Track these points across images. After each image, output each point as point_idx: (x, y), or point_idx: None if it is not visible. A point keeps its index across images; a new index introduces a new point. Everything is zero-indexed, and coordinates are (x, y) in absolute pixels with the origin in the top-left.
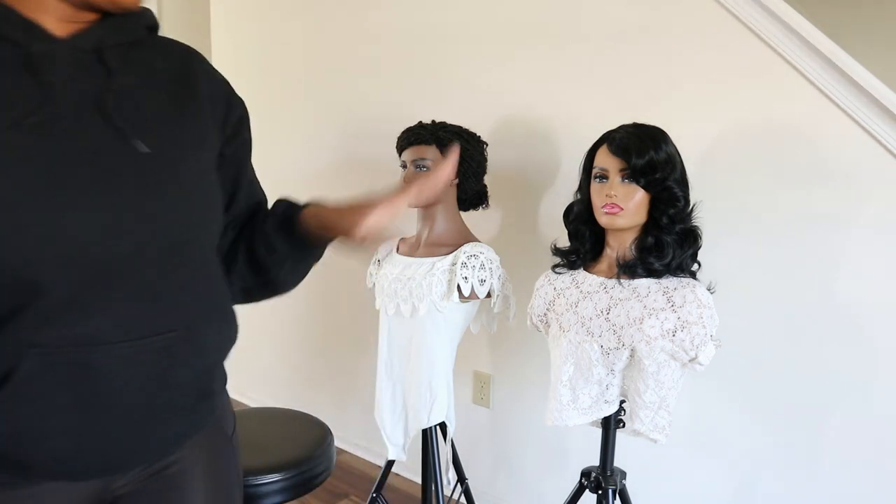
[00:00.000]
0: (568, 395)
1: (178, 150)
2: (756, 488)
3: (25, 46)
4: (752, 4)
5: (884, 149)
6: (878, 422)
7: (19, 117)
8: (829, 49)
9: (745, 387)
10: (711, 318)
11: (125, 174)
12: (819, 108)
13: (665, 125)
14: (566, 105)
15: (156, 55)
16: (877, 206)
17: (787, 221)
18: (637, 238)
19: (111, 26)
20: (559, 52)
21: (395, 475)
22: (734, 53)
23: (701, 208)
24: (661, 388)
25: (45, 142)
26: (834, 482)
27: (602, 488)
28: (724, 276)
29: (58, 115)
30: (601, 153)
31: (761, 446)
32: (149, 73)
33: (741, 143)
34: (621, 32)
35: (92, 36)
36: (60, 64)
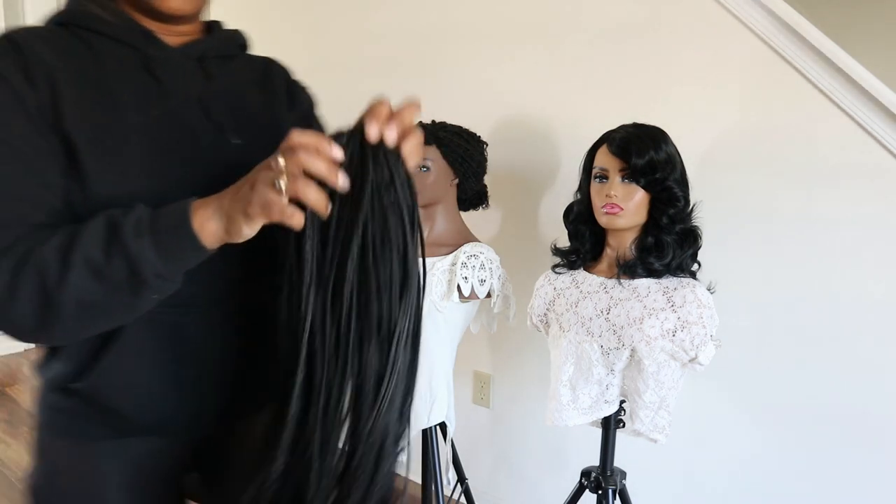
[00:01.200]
0: (568, 395)
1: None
2: (756, 488)
3: (143, 51)
4: (752, 4)
5: (884, 149)
6: (878, 422)
7: (143, 109)
8: (829, 49)
9: (745, 387)
10: (711, 318)
11: (220, 161)
12: (819, 108)
13: (665, 125)
14: (566, 105)
15: (245, 67)
16: (876, 206)
17: (787, 221)
18: (637, 238)
19: (212, 42)
20: (559, 52)
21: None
22: (734, 53)
23: (701, 208)
24: (661, 388)
25: (161, 129)
26: (834, 482)
27: (602, 488)
28: (724, 276)
29: (171, 108)
30: (601, 153)
31: (762, 446)
32: (239, 80)
33: (741, 143)
34: (621, 32)
35: (197, 47)
36: (171, 68)
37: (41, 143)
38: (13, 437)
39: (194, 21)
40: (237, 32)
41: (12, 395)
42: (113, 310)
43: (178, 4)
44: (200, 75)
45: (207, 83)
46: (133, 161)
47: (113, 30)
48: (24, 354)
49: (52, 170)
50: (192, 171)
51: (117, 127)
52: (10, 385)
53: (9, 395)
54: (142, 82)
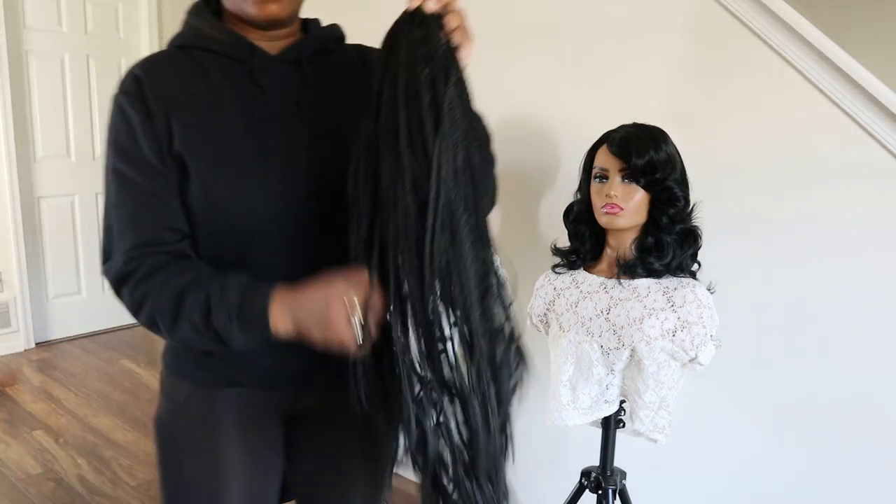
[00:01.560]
0: (568, 395)
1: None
2: (756, 488)
3: (249, 63)
4: (752, 4)
5: (884, 149)
6: (878, 421)
7: (248, 117)
8: (830, 49)
9: (745, 387)
10: (711, 318)
11: (314, 158)
12: (819, 108)
13: (665, 125)
14: (566, 105)
15: (340, 60)
16: (876, 206)
17: (787, 221)
18: (637, 238)
19: (307, 42)
20: (559, 52)
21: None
22: (734, 53)
23: (701, 208)
24: (661, 389)
25: (260, 135)
26: (834, 482)
27: (602, 488)
28: (724, 276)
29: (270, 114)
30: (601, 153)
31: (762, 446)
32: (334, 76)
33: (741, 143)
34: (622, 32)
35: (293, 51)
36: (272, 76)
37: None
38: (13, 437)
39: (291, 24)
40: (333, 27)
41: (12, 395)
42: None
43: (275, 11)
44: (297, 78)
45: (303, 85)
46: (241, 166)
47: (224, 48)
48: (24, 354)
49: (171, 193)
50: (291, 169)
51: (226, 137)
52: (10, 385)
53: (9, 395)
54: (246, 92)
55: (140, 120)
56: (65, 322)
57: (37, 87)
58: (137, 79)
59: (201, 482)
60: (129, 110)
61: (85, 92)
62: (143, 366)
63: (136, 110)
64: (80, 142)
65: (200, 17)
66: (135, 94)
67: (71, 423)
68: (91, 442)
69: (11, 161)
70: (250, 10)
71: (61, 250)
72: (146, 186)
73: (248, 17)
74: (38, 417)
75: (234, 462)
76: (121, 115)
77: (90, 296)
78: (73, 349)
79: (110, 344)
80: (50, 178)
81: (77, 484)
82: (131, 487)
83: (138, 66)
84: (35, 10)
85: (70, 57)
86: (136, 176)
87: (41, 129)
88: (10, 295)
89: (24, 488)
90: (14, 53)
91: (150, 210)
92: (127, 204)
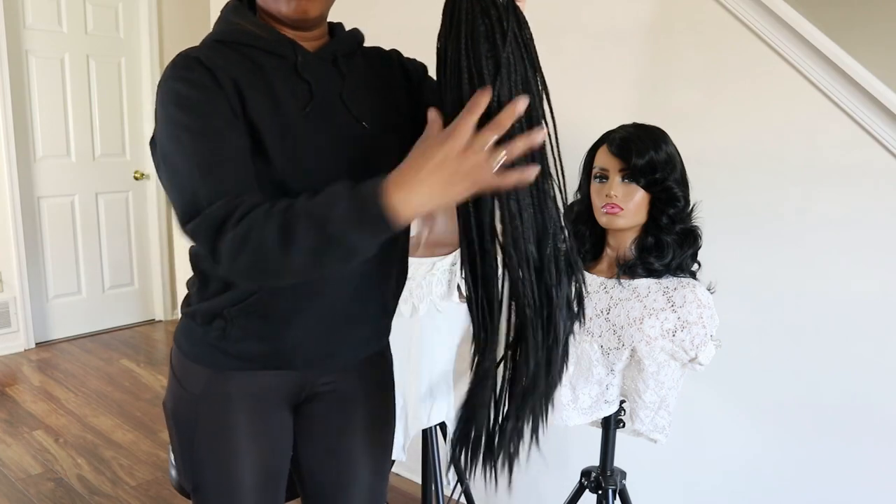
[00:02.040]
0: (568, 395)
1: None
2: (756, 488)
3: (292, 58)
4: (752, 4)
5: (884, 149)
6: (878, 421)
7: (301, 107)
8: (830, 49)
9: (745, 387)
10: (711, 318)
11: (357, 144)
12: (819, 108)
13: (665, 125)
14: (566, 105)
15: (365, 61)
16: (876, 206)
17: (787, 221)
18: (637, 238)
19: (339, 42)
20: (559, 52)
21: (395, 475)
22: (734, 53)
23: (701, 208)
24: (662, 389)
25: (314, 123)
26: (834, 482)
27: (602, 488)
28: (724, 276)
29: (318, 105)
30: (601, 153)
31: (761, 446)
32: (364, 74)
33: (741, 143)
34: (622, 32)
35: (329, 49)
36: (315, 70)
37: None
38: (13, 437)
39: (322, 25)
40: (356, 31)
41: (12, 395)
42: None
43: (307, 9)
44: (336, 74)
45: (342, 81)
46: (302, 146)
47: (267, 43)
48: (24, 354)
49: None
50: (339, 153)
51: (284, 121)
52: (10, 385)
53: (9, 395)
54: (295, 84)
55: (211, 86)
56: (65, 322)
57: (37, 87)
58: (196, 59)
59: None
60: (197, 79)
61: (85, 92)
62: (143, 366)
63: (204, 80)
64: (80, 142)
65: (240, 15)
66: (198, 69)
67: (71, 423)
68: (91, 442)
69: (11, 161)
70: (284, 8)
71: (61, 250)
72: (228, 142)
73: (282, 15)
74: (37, 417)
75: (247, 445)
76: (187, 84)
77: (90, 296)
78: (73, 349)
79: (110, 344)
80: (50, 178)
81: (77, 484)
82: (131, 487)
83: (189, 53)
84: (35, 10)
85: (70, 57)
86: (213, 130)
87: (41, 129)
88: (10, 295)
89: (24, 488)
90: (14, 53)
91: (236, 165)
92: (209, 157)
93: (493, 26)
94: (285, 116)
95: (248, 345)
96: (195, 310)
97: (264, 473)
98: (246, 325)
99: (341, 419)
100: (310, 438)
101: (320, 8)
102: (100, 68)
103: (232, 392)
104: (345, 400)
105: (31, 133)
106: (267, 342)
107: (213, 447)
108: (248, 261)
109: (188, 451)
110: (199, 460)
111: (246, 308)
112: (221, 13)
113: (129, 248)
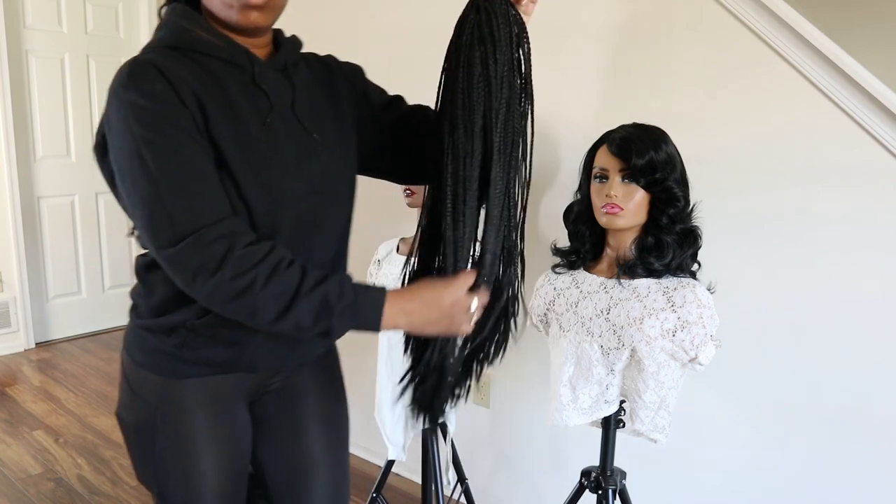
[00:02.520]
0: (568, 395)
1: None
2: (756, 488)
3: (249, 68)
4: (752, 4)
5: (884, 149)
6: (878, 421)
7: (261, 120)
8: (830, 49)
9: (745, 387)
10: (711, 318)
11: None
12: (819, 108)
13: (665, 125)
14: (566, 105)
15: (309, 68)
16: (876, 206)
17: (787, 221)
18: (637, 238)
19: (285, 52)
20: (559, 52)
21: (395, 475)
22: (734, 53)
23: (701, 208)
24: (662, 389)
25: (273, 133)
26: (834, 482)
27: (602, 488)
28: (725, 276)
29: (277, 117)
30: (601, 153)
31: (761, 446)
32: (310, 82)
33: (741, 143)
34: (622, 32)
35: (280, 59)
36: (270, 80)
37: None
38: (13, 437)
39: (269, 32)
40: (295, 38)
41: (12, 395)
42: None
43: (256, 18)
44: (288, 84)
45: (293, 91)
46: (263, 159)
47: (222, 52)
48: (24, 354)
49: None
50: (297, 164)
51: (245, 133)
52: (10, 385)
53: (9, 395)
54: (254, 95)
55: (173, 101)
56: (65, 322)
57: (37, 87)
58: (155, 68)
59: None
60: (158, 92)
61: (85, 92)
62: None
63: (166, 94)
64: (80, 142)
65: (191, 20)
66: (159, 81)
67: (71, 423)
68: (91, 442)
69: (11, 161)
70: (234, 16)
71: (61, 250)
72: (196, 159)
73: (232, 23)
74: (38, 417)
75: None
76: (148, 97)
77: (90, 296)
78: (73, 349)
79: (110, 344)
80: (50, 178)
81: (77, 484)
82: (131, 487)
83: (146, 60)
84: (35, 10)
85: (70, 57)
86: (180, 147)
87: (41, 129)
88: (10, 295)
89: (24, 488)
90: (14, 53)
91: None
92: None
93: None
94: (247, 130)
95: (211, 351)
96: (152, 323)
97: (229, 475)
98: (212, 335)
99: (295, 409)
100: (266, 432)
101: (271, 18)
102: (100, 68)
103: (189, 397)
104: (298, 393)
105: (31, 133)
106: (231, 348)
107: (175, 454)
108: (237, 310)
109: (150, 460)
110: (163, 468)
111: (210, 320)
112: (168, 16)
113: (129, 248)
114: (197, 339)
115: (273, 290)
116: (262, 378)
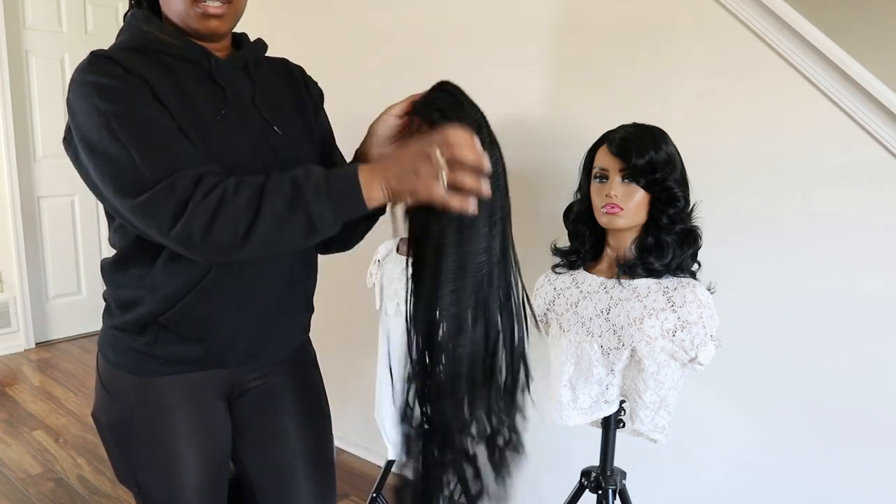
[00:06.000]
0: (568, 395)
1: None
2: (756, 488)
3: (205, 64)
4: (752, 4)
5: (884, 149)
6: (878, 421)
7: (215, 112)
8: (830, 49)
9: (745, 387)
10: (711, 318)
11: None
12: (819, 108)
13: (665, 125)
14: (566, 105)
15: (272, 69)
16: (877, 206)
17: (787, 221)
18: (637, 238)
19: (247, 52)
20: (559, 52)
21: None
22: (734, 53)
23: (701, 208)
24: (662, 389)
25: (228, 126)
26: (834, 482)
27: (602, 488)
28: (725, 276)
29: (232, 109)
30: (601, 153)
31: (762, 446)
32: (273, 81)
33: (741, 143)
34: (622, 32)
35: (240, 58)
36: (227, 76)
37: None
38: (13, 437)
39: (228, 37)
40: (259, 41)
41: (12, 395)
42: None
43: (216, 26)
44: (247, 81)
45: (253, 87)
46: (216, 151)
47: (179, 50)
48: (24, 354)
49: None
50: (254, 158)
51: (199, 125)
52: (10, 385)
53: (9, 395)
54: (210, 89)
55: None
56: (65, 322)
57: (37, 87)
58: (112, 59)
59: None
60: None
61: None
62: None
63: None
64: None
65: (150, 23)
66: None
67: (71, 423)
68: (91, 442)
69: (11, 161)
70: (193, 23)
71: (61, 250)
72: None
73: (191, 29)
74: (38, 417)
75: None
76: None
77: (90, 296)
78: (73, 349)
79: None
80: (50, 178)
81: (77, 484)
82: None
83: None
84: (35, 10)
85: (70, 57)
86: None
87: (41, 129)
88: (10, 295)
89: (24, 488)
90: (14, 53)
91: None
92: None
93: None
94: (200, 120)
95: (181, 348)
96: (124, 321)
97: (208, 471)
98: (179, 330)
99: (275, 406)
100: (247, 430)
101: (229, 24)
102: None
103: (165, 396)
104: (276, 390)
105: (31, 133)
106: (200, 344)
107: (154, 453)
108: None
109: (128, 460)
110: (142, 468)
111: (177, 313)
112: (128, 21)
113: None
114: (167, 336)
115: (243, 194)
116: (239, 375)
